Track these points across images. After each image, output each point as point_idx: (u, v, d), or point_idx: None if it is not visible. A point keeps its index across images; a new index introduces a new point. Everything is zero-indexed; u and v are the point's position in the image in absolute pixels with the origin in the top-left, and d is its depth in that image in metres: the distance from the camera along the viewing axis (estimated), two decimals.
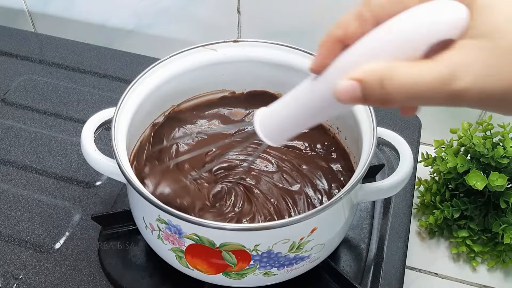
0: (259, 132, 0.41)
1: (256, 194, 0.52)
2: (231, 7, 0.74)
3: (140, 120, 0.54)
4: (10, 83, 0.76)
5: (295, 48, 0.55)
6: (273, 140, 0.41)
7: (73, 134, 0.68)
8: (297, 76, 0.56)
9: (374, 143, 0.46)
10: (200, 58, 0.56)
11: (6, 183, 0.63)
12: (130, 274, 0.54)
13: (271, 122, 0.40)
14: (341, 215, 0.48)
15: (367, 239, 0.57)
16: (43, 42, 0.83)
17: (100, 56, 0.80)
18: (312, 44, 0.58)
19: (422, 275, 0.62)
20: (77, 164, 0.65)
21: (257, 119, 0.41)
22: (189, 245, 0.45)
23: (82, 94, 0.74)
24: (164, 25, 0.80)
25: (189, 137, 0.58)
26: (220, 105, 0.61)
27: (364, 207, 0.60)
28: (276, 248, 0.44)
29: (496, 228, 0.58)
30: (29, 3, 0.86)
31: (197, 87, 0.59)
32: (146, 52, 0.80)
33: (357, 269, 0.55)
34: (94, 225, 0.57)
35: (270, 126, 0.40)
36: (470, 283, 0.61)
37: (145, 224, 0.48)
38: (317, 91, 0.36)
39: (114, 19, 0.83)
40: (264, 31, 0.75)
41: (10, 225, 0.59)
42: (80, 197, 0.61)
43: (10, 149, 0.67)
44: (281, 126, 0.40)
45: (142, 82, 0.52)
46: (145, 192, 0.43)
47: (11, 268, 0.55)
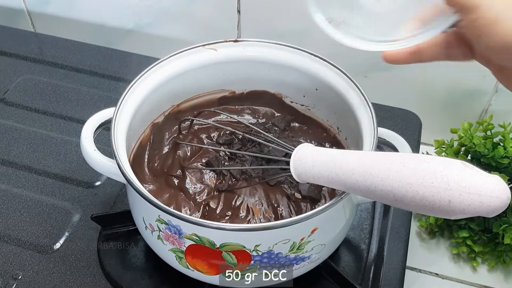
0: (293, 171, 0.45)
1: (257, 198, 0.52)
2: (231, 7, 0.73)
3: (140, 120, 0.54)
4: (10, 83, 0.76)
5: (295, 48, 0.55)
6: (301, 180, 0.45)
7: (72, 134, 0.68)
8: (297, 76, 0.56)
9: (374, 143, 0.46)
10: (200, 58, 0.56)
11: (6, 183, 0.63)
12: (129, 275, 0.54)
13: (307, 169, 0.44)
14: (342, 215, 0.48)
15: (367, 240, 0.57)
16: (43, 42, 0.83)
17: (100, 56, 0.80)
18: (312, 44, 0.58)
19: (423, 275, 0.62)
20: (76, 164, 0.64)
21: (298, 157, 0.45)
22: (189, 246, 0.45)
23: (81, 94, 0.74)
24: (164, 25, 0.80)
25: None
26: (220, 105, 0.61)
27: (364, 208, 0.60)
28: (276, 248, 0.44)
29: (497, 228, 0.58)
30: (29, 3, 0.86)
31: (197, 87, 0.59)
32: (145, 52, 0.79)
33: (358, 270, 0.55)
34: (94, 225, 0.57)
35: (305, 173, 0.44)
36: (470, 283, 0.61)
37: (145, 224, 0.47)
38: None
39: (114, 19, 0.83)
40: (264, 31, 0.75)
41: (9, 225, 0.58)
42: (80, 197, 0.61)
43: (10, 149, 0.67)
44: (315, 179, 0.44)
45: (142, 82, 0.52)
46: (145, 192, 0.43)
47: (10, 268, 0.55)
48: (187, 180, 0.54)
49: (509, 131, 0.61)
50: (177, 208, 0.51)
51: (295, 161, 0.44)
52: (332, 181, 0.42)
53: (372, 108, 0.49)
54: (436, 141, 0.65)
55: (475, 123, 0.64)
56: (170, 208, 0.42)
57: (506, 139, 0.59)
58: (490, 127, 0.61)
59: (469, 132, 0.62)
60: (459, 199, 0.35)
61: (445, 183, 0.35)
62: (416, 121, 0.70)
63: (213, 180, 0.54)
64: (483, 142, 0.59)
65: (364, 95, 0.50)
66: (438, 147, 0.65)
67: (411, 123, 0.69)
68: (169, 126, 0.59)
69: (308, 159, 0.43)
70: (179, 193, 0.53)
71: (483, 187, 0.35)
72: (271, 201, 0.52)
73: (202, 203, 0.52)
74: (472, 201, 0.35)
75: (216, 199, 0.52)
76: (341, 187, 0.42)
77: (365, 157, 0.40)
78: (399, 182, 0.37)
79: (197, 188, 0.53)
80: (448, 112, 0.73)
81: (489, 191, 0.35)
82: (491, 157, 0.58)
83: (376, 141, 0.46)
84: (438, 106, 0.73)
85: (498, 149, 0.58)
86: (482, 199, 0.34)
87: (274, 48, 0.56)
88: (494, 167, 0.58)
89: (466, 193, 0.35)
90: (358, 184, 0.40)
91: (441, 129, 0.70)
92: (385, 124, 0.60)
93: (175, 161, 0.56)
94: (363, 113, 0.49)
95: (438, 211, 0.36)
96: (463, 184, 0.35)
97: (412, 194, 0.37)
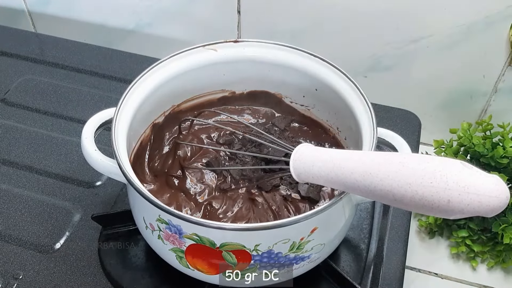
0: (293, 171, 0.45)
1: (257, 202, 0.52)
2: (231, 7, 0.74)
3: (140, 120, 0.54)
4: (10, 83, 0.76)
5: (295, 48, 0.55)
6: (300, 180, 0.45)
7: (73, 134, 0.68)
8: (297, 76, 0.56)
9: (374, 143, 0.46)
10: (200, 58, 0.56)
11: (6, 183, 0.63)
12: (130, 274, 0.54)
13: (307, 169, 0.44)
14: (341, 215, 0.48)
15: (367, 239, 0.57)
16: (43, 42, 0.83)
17: (100, 56, 0.80)
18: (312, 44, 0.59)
19: (422, 275, 0.62)
20: (77, 164, 0.65)
21: (298, 156, 0.45)
22: (190, 245, 0.45)
23: (82, 94, 0.74)
24: (164, 25, 0.80)
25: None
26: (220, 105, 0.61)
27: (364, 207, 0.60)
28: (276, 248, 0.44)
29: (496, 228, 0.58)
30: (29, 3, 0.86)
31: (197, 87, 0.59)
32: (146, 52, 0.79)
33: (357, 269, 0.55)
34: (94, 225, 0.57)
35: (305, 173, 0.44)
36: (470, 283, 0.61)
37: (145, 224, 0.48)
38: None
39: (114, 19, 0.83)
40: (264, 31, 0.75)
41: (10, 225, 0.59)
42: (80, 197, 0.61)
43: (10, 149, 0.67)
44: (315, 179, 0.44)
45: (142, 82, 0.52)
46: (145, 192, 0.43)
47: (11, 268, 0.55)
48: (188, 180, 0.54)
49: (508, 131, 0.61)
50: (177, 208, 0.51)
51: (295, 161, 0.45)
52: (332, 181, 0.42)
53: (372, 108, 0.49)
54: (436, 141, 0.65)
55: (475, 123, 0.64)
56: (170, 207, 0.42)
57: (505, 139, 0.59)
58: (489, 127, 0.61)
59: (468, 132, 0.62)
60: (458, 199, 0.35)
61: (444, 183, 0.35)
62: (415, 121, 0.70)
63: (214, 180, 0.54)
64: (482, 142, 0.60)
65: (363, 95, 0.50)
66: (437, 147, 0.65)
67: (410, 123, 0.69)
68: (169, 126, 0.59)
69: (308, 159, 0.44)
70: (180, 193, 0.53)
71: (482, 187, 0.35)
72: (271, 201, 0.52)
73: (203, 203, 0.52)
74: (471, 201, 0.35)
75: (216, 199, 0.52)
76: (341, 187, 0.42)
77: (365, 157, 0.40)
78: (398, 182, 0.37)
79: (198, 188, 0.53)
80: (448, 112, 0.73)
81: (488, 191, 0.35)
82: (490, 157, 0.58)
83: (375, 141, 0.46)
84: (437, 106, 0.73)
85: (497, 149, 0.58)
86: (481, 199, 0.35)
87: (274, 48, 0.56)
88: (493, 167, 0.59)
89: (465, 193, 0.35)
90: (357, 184, 0.40)
91: (441, 129, 0.70)
92: (384, 124, 0.60)
93: (175, 161, 0.56)
94: (363, 113, 0.49)
95: (437, 211, 0.36)
96: (462, 184, 0.35)
97: (411, 194, 0.37)
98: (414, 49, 0.68)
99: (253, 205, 0.51)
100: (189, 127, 0.59)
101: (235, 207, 0.51)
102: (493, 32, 0.63)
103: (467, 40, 0.65)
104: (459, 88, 0.70)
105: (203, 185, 0.54)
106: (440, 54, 0.67)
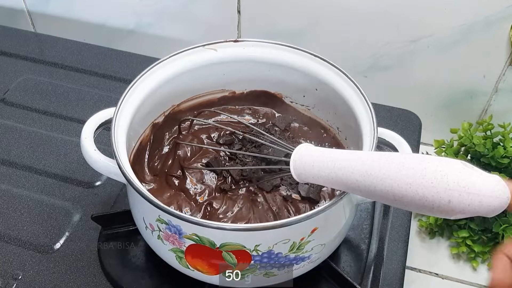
0: (293, 171, 0.45)
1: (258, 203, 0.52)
2: (231, 7, 0.74)
3: (140, 120, 0.54)
4: (10, 83, 0.76)
5: (295, 48, 0.55)
6: (301, 180, 0.45)
7: (73, 134, 0.68)
8: (297, 76, 0.56)
9: (374, 143, 0.46)
10: (200, 58, 0.56)
11: (6, 183, 0.63)
12: (130, 275, 0.54)
13: (307, 169, 0.44)
14: (342, 215, 0.48)
15: (367, 240, 0.57)
16: (43, 42, 0.83)
17: (100, 56, 0.80)
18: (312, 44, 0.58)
19: (422, 275, 0.62)
20: (77, 164, 0.64)
21: (298, 157, 0.44)
22: (189, 246, 0.45)
23: (82, 94, 0.74)
24: (164, 25, 0.80)
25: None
26: (220, 105, 0.61)
27: (364, 208, 0.60)
28: (276, 248, 0.44)
29: (497, 228, 0.58)
30: (29, 3, 0.86)
31: (197, 87, 0.59)
32: (146, 52, 0.79)
33: (357, 270, 0.55)
34: (94, 225, 0.57)
35: (305, 173, 0.44)
36: (470, 283, 0.61)
37: (145, 224, 0.47)
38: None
39: (114, 19, 0.83)
40: (264, 31, 0.75)
41: (10, 225, 0.58)
42: (80, 197, 0.61)
43: (10, 149, 0.67)
44: (315, 179, 0.44)
45: (142, 82, 0.52)
46: (145, 192, 0.43)
47: (10, 268, 0.55)
48: (188, 180, 0.54)
49: (509, 131, 0.61)
50: (177, 209, 0.51)
51: (295, 161, 0.45)
52: (332, 181, 0.42)
53: (372, 108, 0.49)
54: (436, 141, 0.65)
55: (475, 123, 0.64)
56: (170, 208, 0.42)
57: (506, 139, 0.59)
58: (490, 127, 0.61)
59: (469, 132, 0.62)
60: (458, 199, 0.35)
61: (445, 183, 0.35)
62: (416, 121, 0.70)
63: (214, 181, 0.54)
64: (483, 142, 0.59)
65: (364, 95, 0.50)
66: (438, 147, 0.65)
67: (411, 123, 0.69)
68: (169, 126, 0.59)
69: (308, 159, 0.44)
70: (180, 193, 0.53)
71: (482, 187, 0.35)
72: (271, 201, 0.52)
73: (203, 204, 0.52)
74: (472, 201, 0.35)
75: (216, 200, 0.52)
76: (341, 187, 0.42)
77: (365, 157, 0.40)
78: (398, 182, 0.37)
79: (198, 189, 0.53)
80: (448, 112, 0.73)
81: (489, 191, 0.35)
82: (491, 157, 0.58)
83: (376, 141, 0.46)
84: (438, 106, 0.73)
85: (498, 149, 0.58)
86: (482, 199, 0.35)
87: (274, 48, 0.56)
88: (494, 167, 0.58)
89: (466, 193, 0.35)
90: (357, 184, 0.40)
91: (441, 129, 0.70)
92: (385, 124, 0.60)
93: (175, 161, 0.56)
94: (363, 113, 0.49)
95: (437, 211, 0.36)
96: (462, 184, 0.35)
97: (411, 194, 0.37)
98: (414, 49, 0.68)
99: (253, 206, 0.51)
100: (189, 127, 0.59)
101: (235, 208, 0.51)
102: (493, 32, 0.63)
103: (467, 40, 0.65)
104: (459, 88, 0.70)
105: (203, 185, 0.54)
106: (440, 54, 0.67)
